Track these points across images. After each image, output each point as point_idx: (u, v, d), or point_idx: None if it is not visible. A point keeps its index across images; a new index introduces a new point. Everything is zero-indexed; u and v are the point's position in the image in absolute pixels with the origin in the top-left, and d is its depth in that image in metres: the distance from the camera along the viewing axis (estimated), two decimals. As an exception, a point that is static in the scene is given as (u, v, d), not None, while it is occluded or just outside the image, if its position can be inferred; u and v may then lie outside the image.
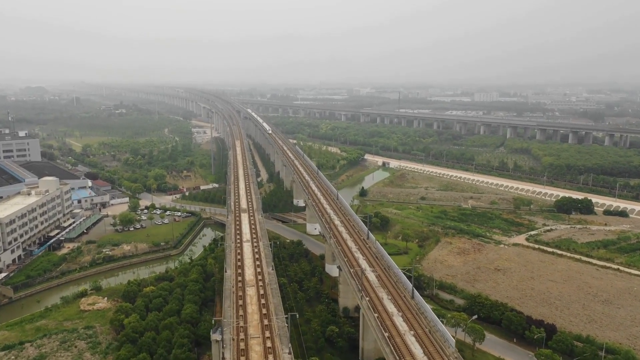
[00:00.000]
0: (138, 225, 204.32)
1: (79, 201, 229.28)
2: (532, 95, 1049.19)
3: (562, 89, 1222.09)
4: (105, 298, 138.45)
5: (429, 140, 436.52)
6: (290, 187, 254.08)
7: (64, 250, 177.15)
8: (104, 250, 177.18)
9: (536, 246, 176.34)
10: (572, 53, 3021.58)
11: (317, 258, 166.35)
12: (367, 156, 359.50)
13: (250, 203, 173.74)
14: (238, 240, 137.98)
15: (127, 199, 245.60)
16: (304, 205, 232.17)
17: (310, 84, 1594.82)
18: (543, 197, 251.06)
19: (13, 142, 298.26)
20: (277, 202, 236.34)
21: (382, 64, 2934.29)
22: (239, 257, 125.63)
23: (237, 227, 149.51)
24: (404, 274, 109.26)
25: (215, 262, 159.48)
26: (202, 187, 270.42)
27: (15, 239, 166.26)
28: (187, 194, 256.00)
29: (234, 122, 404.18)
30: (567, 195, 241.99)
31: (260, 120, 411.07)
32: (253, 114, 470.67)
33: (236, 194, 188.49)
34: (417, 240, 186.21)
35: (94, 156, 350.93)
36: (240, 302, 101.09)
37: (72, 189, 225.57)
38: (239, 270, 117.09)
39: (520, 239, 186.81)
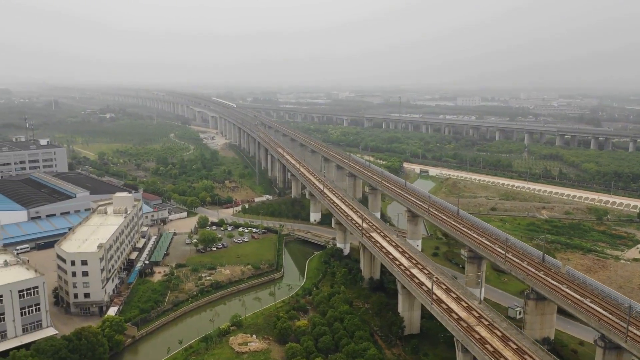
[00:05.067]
0: (219, 245, 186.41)
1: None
2: (511, 100, 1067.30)
3: (535, 94, 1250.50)
4: (254, 335, 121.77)
5: (450, 146, 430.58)
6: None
7: (157, 277, 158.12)
8: (202, 275, 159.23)
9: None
10: (532, 58, 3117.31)
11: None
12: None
13: (367, 221, 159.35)
14: (400, 267, 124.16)
15: (185, 214, 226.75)
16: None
17: (284, 87, 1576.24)
18: (612, 205, 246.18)
19: (39, 151, 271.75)
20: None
21: (351, 65, 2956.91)
22: (424, 287, 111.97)
23: (383, 250, 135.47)
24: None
25: (349, 289, 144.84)
26: (256, 200, 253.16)
27: (113, 266, 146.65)
28: (246, 207, 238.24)
29: (256, 128, 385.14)
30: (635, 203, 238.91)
31: (286, 129, 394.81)
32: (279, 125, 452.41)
33: (340, 210, 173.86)
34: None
35: (115, 165, 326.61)
36: (488, 346, 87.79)
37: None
38: (443, 305, 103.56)
39: (635, 253, 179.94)
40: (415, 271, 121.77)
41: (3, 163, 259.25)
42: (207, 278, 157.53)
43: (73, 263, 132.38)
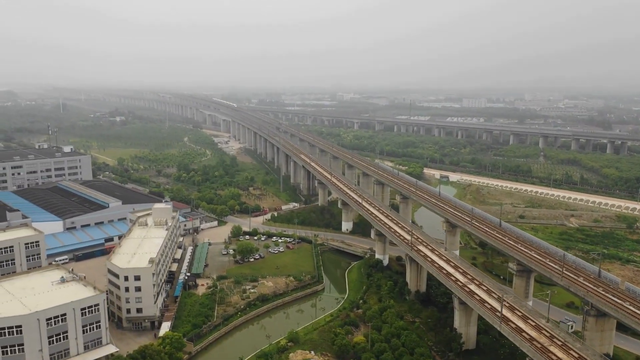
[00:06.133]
0: (256, 255, 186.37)
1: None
2: (517, 101, 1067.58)
3: (539, 94, 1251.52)
4: (312, 352, 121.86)
5: (466, 150, 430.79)
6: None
7: (201, 289, 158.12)
8: (246, 288, 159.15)
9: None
10: (526, 51, 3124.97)
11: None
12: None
13: (412, 234, 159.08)
14: (457, 282, 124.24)
15: (215, 223, 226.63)
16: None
17: (287, 87, 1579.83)
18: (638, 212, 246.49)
19: (65, 159, 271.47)
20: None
21: (344, 61, 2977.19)
22: (486, 305, 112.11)
23: (436, 265, 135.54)
24: None
25: (397, 303, 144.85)
26: (283, 207, 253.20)
27: (160, 280, 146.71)
28: (275, 215, 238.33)
29: (273, 133, 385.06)
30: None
31: (303, 134, 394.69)
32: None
33: (380, 221, 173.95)
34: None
35: (136, 171, 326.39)
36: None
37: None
38: (511, 324, 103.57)
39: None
40: (473, 287, 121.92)
41: (30, 171, 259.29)
42: (252, 291, 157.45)
43: (126, 278, 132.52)
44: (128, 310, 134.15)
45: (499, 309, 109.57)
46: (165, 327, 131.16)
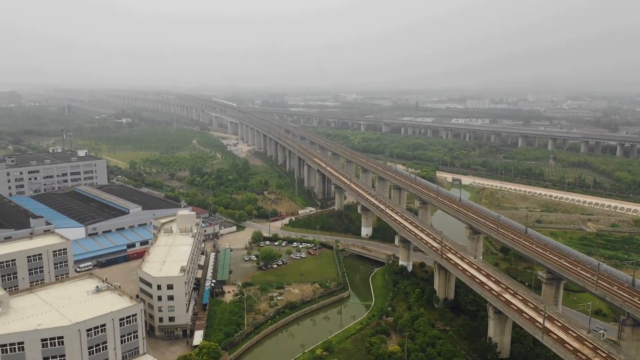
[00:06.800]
0: (279, 261, 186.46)
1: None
2: (520, 102, 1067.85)
3: (541, 95, 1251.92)
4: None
5: (475, 153, 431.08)
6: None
7: (228, 297, 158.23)
8: (273, 295, 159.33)
9: None
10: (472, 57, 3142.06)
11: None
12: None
13: (438, 240, 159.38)
14: (492, 292, 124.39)
15: (234, 228, 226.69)
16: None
17: (288, 88, 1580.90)
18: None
19: (80, 163, 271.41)
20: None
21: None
22: (525, 315, 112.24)
23: (467, 273, 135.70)
24: None
25: (427, 311, 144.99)
26: (300, 212, 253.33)
27: (190, 288, 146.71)
28: (293, 219, 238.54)
29: (283, 136, 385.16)
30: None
31: (314, 137, 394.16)
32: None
33: (405, 228, 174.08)
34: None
35: (149, 175, 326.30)
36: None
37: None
38: (553, 335, 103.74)
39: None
40: (508, 296, 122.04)
41: (47, 176, 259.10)
42: (279, 298, 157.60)
43: (159, 287, 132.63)
44: (160, 319, 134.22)
45: (537, 319, 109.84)
46: (198, 336, 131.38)
